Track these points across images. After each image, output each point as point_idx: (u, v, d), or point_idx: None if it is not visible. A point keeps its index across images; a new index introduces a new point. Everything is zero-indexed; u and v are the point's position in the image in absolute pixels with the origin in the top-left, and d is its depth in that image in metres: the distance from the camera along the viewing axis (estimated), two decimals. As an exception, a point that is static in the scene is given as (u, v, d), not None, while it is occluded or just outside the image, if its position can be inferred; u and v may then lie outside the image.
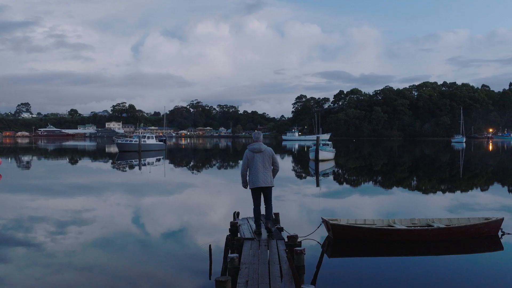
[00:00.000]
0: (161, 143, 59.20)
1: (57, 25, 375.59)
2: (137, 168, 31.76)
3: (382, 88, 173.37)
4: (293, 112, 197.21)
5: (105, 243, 9.55)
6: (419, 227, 9.63)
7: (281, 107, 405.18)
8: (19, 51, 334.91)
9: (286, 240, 7.33)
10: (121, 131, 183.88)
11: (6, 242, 9.48)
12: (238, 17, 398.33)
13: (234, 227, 8.07)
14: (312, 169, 29.47)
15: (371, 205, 15.07)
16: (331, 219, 9.72)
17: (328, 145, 39.96)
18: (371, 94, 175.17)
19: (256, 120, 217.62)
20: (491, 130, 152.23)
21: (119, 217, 12.63)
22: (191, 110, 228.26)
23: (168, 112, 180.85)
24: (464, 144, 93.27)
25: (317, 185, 20.72)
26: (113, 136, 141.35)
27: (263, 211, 8.34)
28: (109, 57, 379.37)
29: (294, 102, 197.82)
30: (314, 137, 72.53)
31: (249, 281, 5.39)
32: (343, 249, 9.07)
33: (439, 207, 14.12)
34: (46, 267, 7.87)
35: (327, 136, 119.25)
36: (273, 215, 8.70)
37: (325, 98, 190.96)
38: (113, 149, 57.96)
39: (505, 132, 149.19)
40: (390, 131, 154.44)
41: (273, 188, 8.32)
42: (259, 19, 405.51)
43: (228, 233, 8.10)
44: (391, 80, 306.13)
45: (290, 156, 50.98)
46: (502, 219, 9.94)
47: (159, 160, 40.20)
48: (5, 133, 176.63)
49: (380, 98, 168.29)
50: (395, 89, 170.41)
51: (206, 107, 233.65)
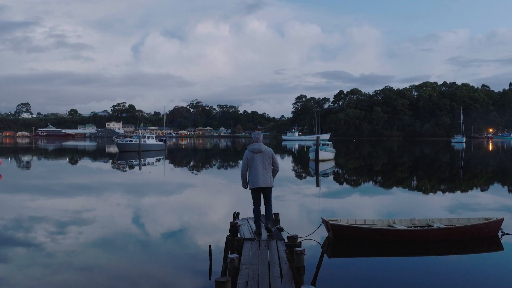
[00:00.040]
0: (161, 143, 59.19)
1: (57, 25, 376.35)
2: (137, 168, 31.76)
3: (382, 88, 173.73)
4: (293, 112, 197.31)
5: (105, 243, 9.55)
6: (419, 228, 9.62)
7: (281, 107, 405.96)
8: (19, 51, 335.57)
9: (286, 240, 7.33)
10: (121, 131, 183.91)
11: (6, 242, 9.48)
12: (238, 17, 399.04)
13: (234, 228, 8.07)
14: (312, 169, 29.47)
15: (371, 205, 15.07)
16: (331, 219, 9.72)
17: (328, 145, 39.94)
18: (371, 94, 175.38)
19: (256, 120, 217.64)
20: (491, 130, 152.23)
21: (119, 217, 12.63)
22: (191, 110, 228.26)
23: (168, 112, 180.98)
24: (464, 144, 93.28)
25: (317, 185, 20.72)
26: (113, 136, 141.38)
27: (263, 212, 8.35)
28: (109, 57, 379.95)
29: (294, 102, 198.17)
30: (314, 137, 72.52)
31: (249, 282, 5.39)
32: (343, 250, 9.07)
33: (439, 207, 14.12)
34: (46, 267, 7.87)
35: (327, 136, 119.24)
36: (273, 216, 8.70)
37: (325, 98, 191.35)
38: (113, 149, 57.96)
39: (505, 132, 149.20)
40: (390, 131, 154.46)
41: (273, 188, 8.33)
42: (259, 19, 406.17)
43: (228, 233, 8.10)
44: (391, 80, 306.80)
45: (290, 156, 50.98)
46: (502, 220, 9.94)
47: (159, 160, 40.20)
48: (5, 133, 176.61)
49: (380, 98, 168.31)
50: (395, 89, 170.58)
51: (206, 107, 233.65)
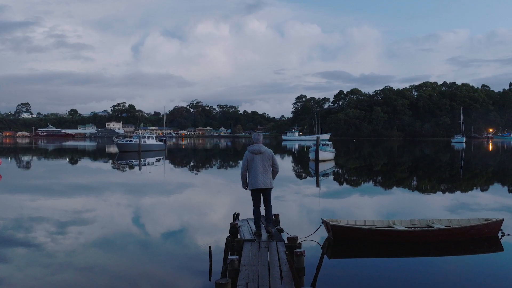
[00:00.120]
0: (161, 143, 59.17)
1: (57, 25, 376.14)
2: (137, 168, 31.76)
3: (382, 88, 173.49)
4: (293, 112, 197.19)
5: (105, 243, 9.56)
6: (419, 228, 9.62)
7: (281, 107, 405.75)
8: (19, 51, 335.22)
9: (286, 241, 7.31)
10: (121, 131, 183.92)
11: (6, 242, 9.48)
12: (238, 17, 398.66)
13: (234, 229, 8.06)
14: (312, 169, 29.47)
15: (371, 206, 15.06)
16: (331, 220, 9.72)
17: (328, 145, 39.91)
18: (371, 94, 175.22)
19: (256, 120, 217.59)
20: (491, 130, 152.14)
21: (119, 217, 12.64)
22: (191, 110, 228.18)
23: (168, 112, 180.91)
24: (464, 144, 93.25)
25: (317, 186, 20.71)
26: (113, 136, 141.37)
27: (263, 213, 8.34)
28: (109, 57, 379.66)
29: (294, 102, 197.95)
30: (314, 137, 72.51)
31: (249, 283, 5.39)
32: (343, 250, 9.07)
33: (439, 207, 14.12)
34: (46, 267, 7.88)
35: (327, 136, 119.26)
36: (273, 216, 8.70)
37: (325, 98, 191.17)
38: (113, 149, 57.95)
39: (505, 132, 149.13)
40: (390, 131, 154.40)
41: (272, 189, 8.32)
42: (259, 19, 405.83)
43: (228, 234, 8.10)
44: (391, 80, 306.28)
45: (290, 156, 50.99)
46: (502, 220, 9.93)
47: (159, 160, 40.19)
48: (5, 133, 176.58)
49: (380, 98, 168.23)
50: (395, 89, 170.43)
51: (206, 107, 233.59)
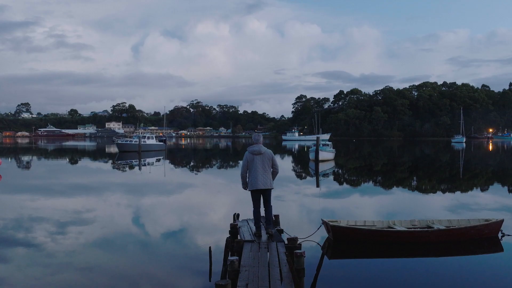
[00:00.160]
0: (161, 143, 59.17)
1: (57, 25, 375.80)
2: (137, 168, 31.76)
3: (382, 88, 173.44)
4: (293, 112, 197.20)
5: (105, 243, 9.56)
6: (419, 229, 9.62)
7: (281, 107, 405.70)
8: (19, 51, 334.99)
9: (286, 242, 7.31)
10: (121, 131, 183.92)
11: (6, 242, 9.49)
12: (238, 17, 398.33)
13: (234, 229, 8.06)
14: (312, 170, 29.47)
15: (371, 206, 15.07)
16: (331, 221, 9.71)
17: (328, 145, 39.89)
18: (371, 94, 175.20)
19: (256, 120, 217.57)
20: (491, 130, 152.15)
21: (119, 217, 12.64)
22: (191, 110, 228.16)
23: (168, 112, 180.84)
24: (464, 144, 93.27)
25: (317, 186, 20.71)
26: (113, 136, 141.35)
27: (263, 213, 8.34)
28: (109, 57, 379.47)
29: (294, 102, 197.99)
30: (314, 137, 72.44)
31: (249, 284, 5.38)
32: (343, 251, 9.07)
33: (439, 208, 14.12)
34: (46, 267, 7.89)
35: (327, 136, 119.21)
36: (273, 217, 8.69)
37: (325, 98, 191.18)
38: (113, 149, 57.95)
39: (505, 132, 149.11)
40: (390, 131, 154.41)
41: (272, 189, 8.32)
42: (259, 19, 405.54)
43: (228, 234, 8.10)
44: (391, 80, 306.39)
45: (290, 156, 50.99)
46: (502, 221, 9.92)
47: (159, 160, 40.18)
48: (5, 133, 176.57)
49: (380, 98, 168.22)
50: (395, 89, 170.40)
51: (206, 107, 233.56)
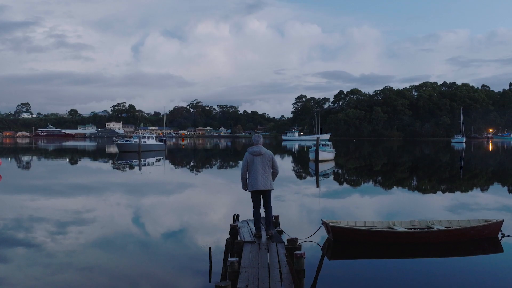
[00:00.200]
0: (161, 143, 59.17)
1: (57, 25, 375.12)
2: (137, 168, 31.76)
3: (382, 88, 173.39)
4: (293, 112, 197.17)
5: (105, 243, 9.57)
6: (419, 229, 9.62)
7: (281, 107, 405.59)
8: (19, 51, 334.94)
9: (286, 243, 7.30)
10: (121, 131, 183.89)
11: (6, 242, 9.49)
12: (238, 17, 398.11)
13: (234, 230, 8.06)
14: (312, 170, 29.46)
15: (371, 206, 15.07)
16: (331, 221, 9.71)
17: (328, 145, 39.86)
18: (371, 94, 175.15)
19: (256, 120, 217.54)
20: (491, 130, 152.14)
21: (119, 217, 12.65)
22: (191, 110, 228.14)
23: (168, 112, 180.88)
24: (464, 144, 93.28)
25: (317, 186, 20.71)
26: (113, 136, 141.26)
27: (263, 214, 8.34)
28: (109, 57, 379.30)
29: (294, 102, 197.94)
30: (314, 137, 72.52)
31: (249, 286, 5.38)
32: (343, 252, 9.07)
33: (439, 208, 14.13)
34: (46, 267, 7.89)
35: (327, 136, 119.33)
36: (273, 218, 8.69)
37: (325, 98, 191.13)
38: (113, 149, 57.95)
39: (505, 132, 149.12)
40: (390, 131, 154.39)
41: (272, 190, 8.32)
42: (259, 19, 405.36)
43: (227, 234, 8.10)
44: (391, 80, 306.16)
45: (290, 156, 50.99)
46: (502, 221, 9.92)
47: (159, 160, 40.17)
48: (5, 133, 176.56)
49: (380, 98, 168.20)
50: (395, 89, 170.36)
51: (206, 107, 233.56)
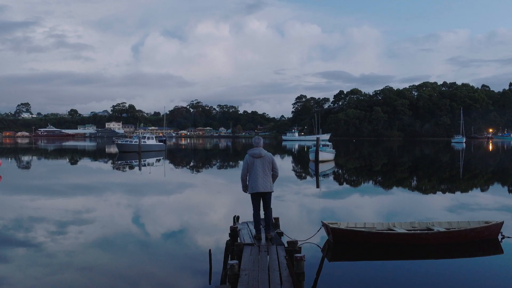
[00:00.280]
0: (161, 143, 59.14)
1: (57, 25, 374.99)
2: (137, 168, 31.75)
3: (382, 88, 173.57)
4: (293, 112, 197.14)
5: (105, 243, 9.57)
6: (419, 231, 9.62)
7: (281, 107, 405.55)
8: (19, 51, 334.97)
9: (286, 245, 7.29)
10: (121, 131, 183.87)
11: (6, 242, 9.50)
12: (238, 17, 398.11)
13: (234, 232, 8.04)
14: (312, 170, 29.45)
15: (371, 206, 15.07)
16: (331, 223, 9.70)
17: (328, 146, 39.84)
18: (371, 94, 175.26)
19: (256, 120, 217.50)
20: (491, 130, 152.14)
21: (119, 217, 12.64)
22: (191, 110, 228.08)
23: (168, 112, 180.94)
24: (464, 144, 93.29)
25: (317, 186, 20.69)
26: (113, 136, 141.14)
27: (263, 216, 8.33)
28: (109, 57, 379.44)
29: (294, 102, 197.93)
30: (314, 137, 72.52)
31: (249, 288, 5.38)
32: (343, 253, 9.06)
33: (439, 208, 14.13)
34: (46, 267, 7.90)
35: (327, 136, 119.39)
36: (273, 220, 8.68)
37: (325, 98, 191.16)
38: (113, 150, 57.93)
39: (505, 132, 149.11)
40: (390, 131, 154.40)
41: (272, 192, 8.30)
42: (259, 19, 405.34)
43: (227, 236, 8.09)
44: (391, 80, 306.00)
45: (290, 156, 50.98)
46: (502, 223, 9.92)
47: (159, 160, 40.16)
48: (5, 133, 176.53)
49: (380, 98, 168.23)
50: (395, 89, 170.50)
51: (206, 107, 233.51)
